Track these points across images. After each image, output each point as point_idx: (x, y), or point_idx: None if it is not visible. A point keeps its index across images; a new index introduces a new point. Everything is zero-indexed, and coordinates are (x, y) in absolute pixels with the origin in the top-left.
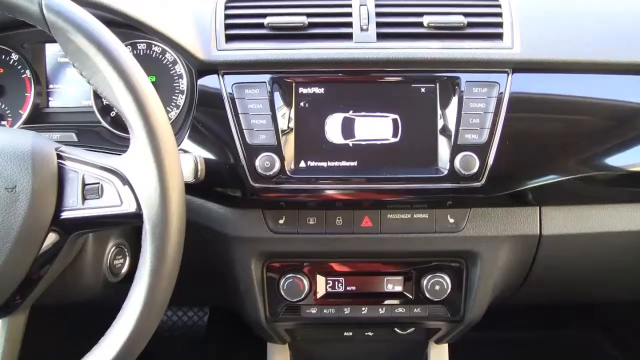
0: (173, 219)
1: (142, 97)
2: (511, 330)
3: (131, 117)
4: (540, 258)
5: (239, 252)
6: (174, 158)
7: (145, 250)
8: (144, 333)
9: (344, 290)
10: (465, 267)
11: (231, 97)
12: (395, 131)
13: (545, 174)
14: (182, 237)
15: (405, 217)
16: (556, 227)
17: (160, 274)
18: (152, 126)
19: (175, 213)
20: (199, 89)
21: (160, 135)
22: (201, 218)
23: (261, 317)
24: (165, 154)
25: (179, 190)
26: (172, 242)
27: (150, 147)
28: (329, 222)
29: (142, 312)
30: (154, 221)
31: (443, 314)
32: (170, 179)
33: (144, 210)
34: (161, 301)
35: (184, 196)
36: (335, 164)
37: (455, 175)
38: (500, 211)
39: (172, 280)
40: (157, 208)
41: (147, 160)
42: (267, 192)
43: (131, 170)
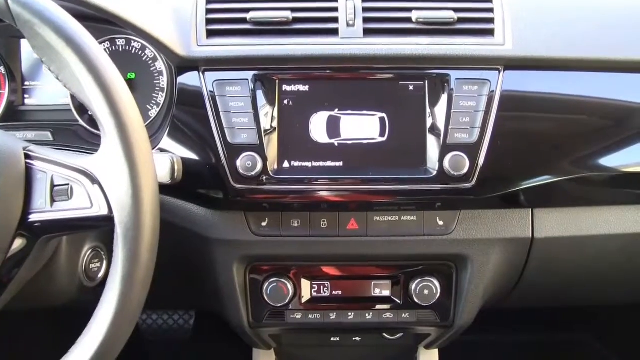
0: (146, 221)
1: (113, 93)
2: (504, 334)
3: (101, 114)
4: (532, 261)
5: (220, 255)
6: (147, 157)
7: (117, 255)
8: (116, 342)
9: (330, 295)
10: (455, 271)
11: (212, 95)
12: (383, 130)
13: (538, 175)
14: (156, 240)
15: (393, 220)
16: (549, 229)
17: (133, 280)
18: (123, 124)
19: (149, 215)
20: (178, 86)
21: (133, 133)
22: (181, 220)
23: (244, 323)
24: (138, 153)
25: (153, 191)
26: (146, 246)
27: (122, 146)
28: (313, 224)
29: (114, 320)
30: (125, 224)
31: (432, 319)
32: (142, 180)
33: (115, 213)
34: (134, 308)
35: (157, 198)
36: (320, 164)
37: (444, 176)
38: (491, 213)
39: (145, 285)
40: (129, 210)
41: (119, 159)
42: (249, 194)
43: (102, 171)
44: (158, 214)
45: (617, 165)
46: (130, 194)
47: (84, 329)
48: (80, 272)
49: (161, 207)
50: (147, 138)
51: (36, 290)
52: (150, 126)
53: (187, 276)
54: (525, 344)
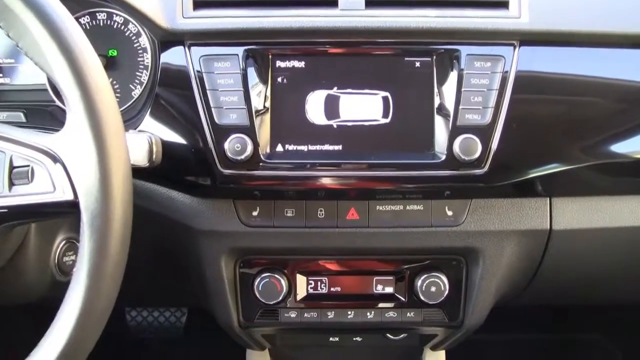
0: (116, 208)
1: (80, 61)
2: (512, 332)
3: (65, 85)
4: (549, 255)
5: (207, 247)
6: (118, 136)
7: (83, 246)
8: (82, 344)
9: (328, 292)
10: (465, 266)
11: (198, 71)
12: (386, 111)
13: (557, 161)
14: (127, 230)
15: (397, 209)
16: (568, 220)
17: (100, 274)
18: (91, 96)
19: (119, 202)
20: (162, 61)
21: (101, 107)
22: (164, 209)
23: (233, 322)
24: (107, 130)
25: (124, 174)
26: (115, 236)
27: (89, 122)
28: (309, 214)
29: (80, 320)
30: (92, 211)
31: (440, 319)
32: (112, 161)
33: (81, 198)
34: (102, 306)
35: (130, 182)
36: (317, 147)
37: (454, 161)
38: (505, 203)
39: (115, 280)
40: (96, 196)
41: (85, 138)
42: (239, 180)
43: (66, 150)
44: (130, 200)
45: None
46: (98, 176)
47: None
48: (53, 266)
49: (142, 194)
50: (119, 113)
51: (2, 287)
52: (133, 107)
53: (172, 271)
54: (535, 343)
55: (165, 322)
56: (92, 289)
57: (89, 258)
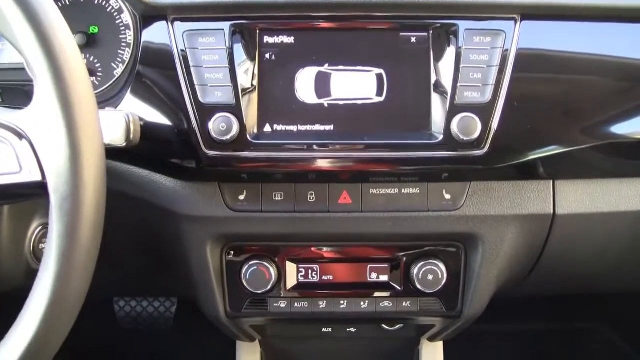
0: (87, 190)
1: (47, 28)
2: (512, 323)
3: (31, 55)
4: (552, 242)
5: (192, 234)
6: (89, 110)
7: (52, 230)
8: (51, 337)
9: (319, 281)
10: (464, 253)
11: (182, 48)
12: (380, 89)
13: (561, 142)
14: (99, 214)
15: (392, 193)
16: (573, 204)
17: (70, 261)
18: (59, 66)
19: (90, 183)
20: (143, 37)
21: (70, 78)
22: (146, 193)
23: (220, 312)
24: (77, 103)
25: (96, 153)
26: (86, 221)
27: (57, 94)
28: (299, 198)
29: (49, 311)
30: (61, 193)
31: (437, 309)
32: (83, 139)
33: (49, 179)
34: (73, 295)
35: (103, 162)
36: (307, 127)
37: (452, 141)
38: (506, 186)
39: (87, 268)
40: (66, 176)
41: (53, 112)
42: (224, 162)
43: (33, 127)
44: (103, 182)
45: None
46: (67, 155)
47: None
48: (28, 253)
49: (123, 178)
50: (90, 86)
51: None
52: (114, 86)
53: (157, 259)
54: (536, 333)
55: (154, 312)
56: (61, 277)
57: (58, 244)
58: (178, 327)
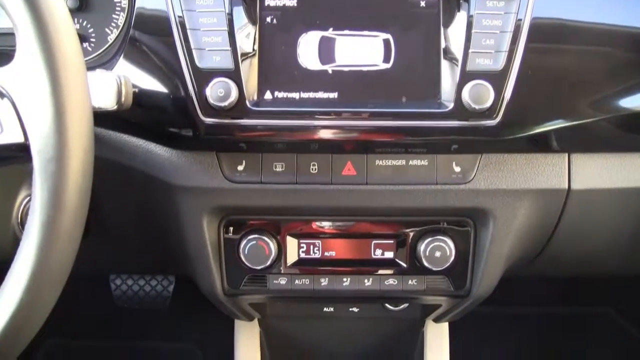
0: (72, 152)
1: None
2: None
3: (11, 5)
4: (566, 218)
5: (188, 206)
6: (76, 67)
7: (35, 196)
8: (36, 309)
9: (321, 257)
10: (474, 229)
11: (178, 10)
12: (387, 55)
13: (577, 113)
14: (86, 179)
15: (399, 164)
16: (589, 179)
17: (54, 228)
18: (43, 20)
19: (76, 145)
20: (138, 0)
21: (55, 32)
22: (140, 163)
23: (217, 289)
24: (62, 59)
25: (82, 113)
26: (72, 185)
27: (40, 49)
28: (301, 169)
29: (31, 281)
30: (45, 155)
31: (444, 288)
32: (68, 97)
33: (32, 140)
34: (58, 266)
35: (90, 124)
36: (309, 95)
37: (462, 110)
38: (519, 159)
39: (72, 237)
40: (50, 137)
41: (36, 68)
42: (222, 129)
43: (15, 84)
44: (90, 145)
45: None
46: (51, 114)
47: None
48: (15, 224)
49: (116, 147)
50: (77, 42)
51: None
52: (107, 52)
53: (152, 234)
54: (543, 317)
55: (151, 291)
56: (45, 247)
57: (42, 210)
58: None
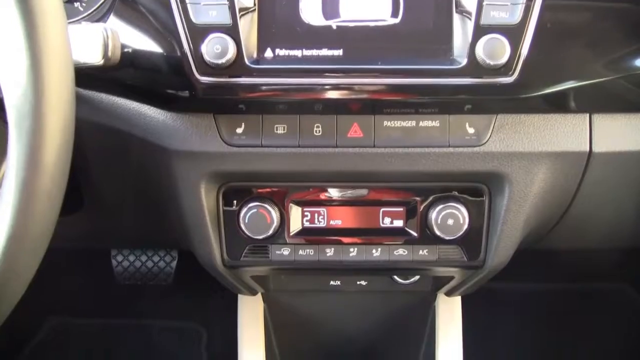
0: (51, 105)
1: None
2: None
3: None
4: (586, 184)
5: (184, 172)
6: (54, 14)
7: (11, 154)
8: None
9: (326, 226)
10: (488, 195)
11: None
12: (395, 8)
13: (599, 70)
14: (67, 135)
15: (408, 126)
16: (611, 142)
17: (32, 190)
18: None
19: (55, 98)
20: None
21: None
22: (134, 127)
23: (216, 261)
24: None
25: (62, 64)
26: (50, 142)
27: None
28: (304, 131)
29: (7, 247)
30: (20, 109)
31: (457, 258)
32: (46, 46)
33: (6, 91)
34: (37, 231)
35: (71, 76)
36: (313, 52)
37: (476, 66)
38: (536, 119)
39: (52, 198)
40: (25, 88)
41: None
42: (219, 89)
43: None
44: (71, 98)
45: None
46: (27, 64)
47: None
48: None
49: (109, 111)
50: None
51: None
52: (99, 10)
53: (147, 203)
54: (556, 293)
55: (153, 267)
56: (22, 209)
57: (18, 170)
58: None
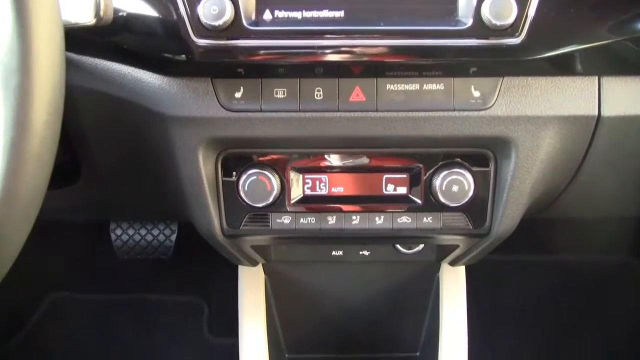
0: (39, 61)
1: None
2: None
3: None
4: (595, 149)
5: (182, 138)
6: None
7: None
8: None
9: (328, 193)
10: (494, 161)
11: None
12: None
13: (608, 30)
14: (57, 94)
15: (412, 89)
16: (620, 105)
17: (21, 151)
18: None
19: (44, 53)
20: None
21: None
22: (129, 93)
23: (215, 230)
24: None
25: (51, 17)
26: (39, 99)
27: None
28: (305, 95)
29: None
30: (6, 65)
31: (463, 225)
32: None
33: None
34: (27, 194)
35: (60, 30)
36: (313, 13)
37: (482, 27)
38: (544, 82)
39: (42, 160)
40: (11, 43)
41: None
42: (217, 52)
43: None
44: (60, 55)
45: None
46: (13, 16)
47: None
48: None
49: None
50: None
51: None
52: None
53: (145, 172)
54: (561, 264)
55: (153, 240)
56: (10, 172)
57: (6, 130)
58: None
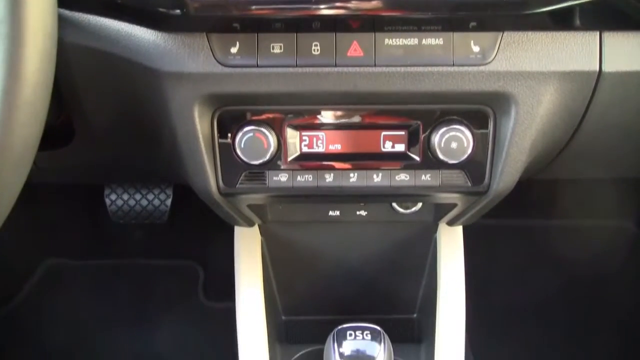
0: (29, 8)
1: None
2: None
3: None
4: (595, 106)
5: (177, 95)
6: None
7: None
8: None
9: (325, 150)
10: (493, 117)
11: None
12: None
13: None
14: (49, 42)
15: (410, 44)
16: (622, 61)
17: (13, 98)
18: None
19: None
20: None
21: None
22: (123, 49)
23: (211, 188)
24: None
25: None
26: (30, 47)
27: None
28: (301, 49)
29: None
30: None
31: (461, 183)
32: None
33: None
34: (19, 144)
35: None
36: None
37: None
38: (545, 37)
39: (35, 109)
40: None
41: None
42: (212, 6)
43: None
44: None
45: None
46: None
47: None
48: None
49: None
50: None
51: None
52: None
53: (139, 131)
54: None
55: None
56: (2, 120)
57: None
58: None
